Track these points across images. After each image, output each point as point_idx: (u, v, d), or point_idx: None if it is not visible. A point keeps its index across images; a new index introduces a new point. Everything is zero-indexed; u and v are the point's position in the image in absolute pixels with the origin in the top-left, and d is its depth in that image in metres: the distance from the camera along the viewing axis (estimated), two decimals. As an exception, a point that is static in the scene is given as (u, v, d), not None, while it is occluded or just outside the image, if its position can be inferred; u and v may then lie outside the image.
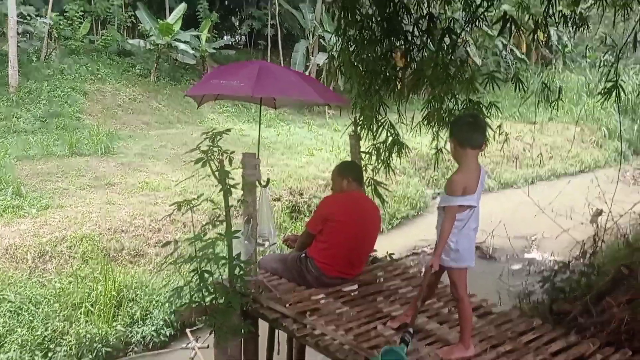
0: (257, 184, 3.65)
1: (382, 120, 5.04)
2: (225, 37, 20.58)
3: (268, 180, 4.16)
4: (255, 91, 3.87)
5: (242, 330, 3.46)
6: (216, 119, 15.64)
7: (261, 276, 3.98)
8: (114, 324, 6.50)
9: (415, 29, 5.23)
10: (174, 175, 10.25)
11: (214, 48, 17.57)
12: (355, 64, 4.88)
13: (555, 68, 22.10)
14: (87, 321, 6.40)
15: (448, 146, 3.35)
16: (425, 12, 5.33)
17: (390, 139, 5.10)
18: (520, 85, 5.71)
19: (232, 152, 3.23)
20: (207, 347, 5.37)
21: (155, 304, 6.90)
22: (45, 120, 13.13)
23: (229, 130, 3.39)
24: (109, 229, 7.93)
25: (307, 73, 17.59)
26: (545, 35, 23.06)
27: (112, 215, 8.23)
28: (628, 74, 18.65)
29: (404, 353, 2.89)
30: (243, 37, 22.22)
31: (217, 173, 3.21)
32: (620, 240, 5.95)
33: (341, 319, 3.46)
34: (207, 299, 3.37)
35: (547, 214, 7.73)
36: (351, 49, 4.98)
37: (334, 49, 5.24)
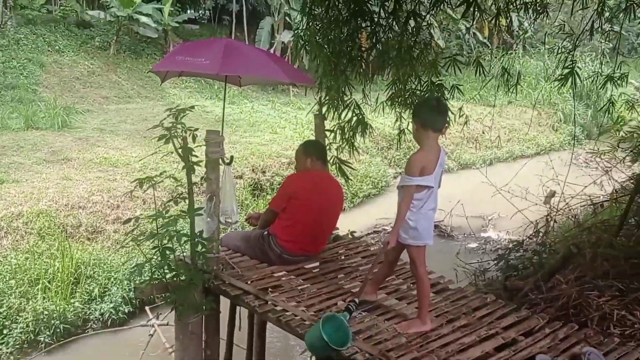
0: (221, 161, 3.64)
1: (348, 101, 5.06)
2: (188, 11, 20.11)
3: (231, 158, 4.15)
4: (221, 69, 3.85)
5: (204, 307, 3.48)
6: (178, 95, 15.38)
7: (223, 253, 3.99)
8: (72, 300, 6.44)
9: (382, 10, 5.24)
10: (134, 151, 10.08)
11: (177, 22, 17.19)
12: (321, 43, 4.87)
13: (515, 53, 22.45)
14: (44, 298, 6.32)
15: (411, 127, 3.40)
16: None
17: (355, 118, 5.13)
18: (481, 69, 5.82)
19: (196, 129, 3.21)
20: (167, 324, 5.37)
21: (114, 281, 6.85)
22: (0, 92, 12.67)
23: (192, 107, 3.37)
24: (66, 205, 7.78)
25: (272, 51, 17.43)
26: (507, 20, 23.45)
27: (69, 191, 8.07)
28: (584, 60, 19.09)
29: (345, 320, 2.97)
30: (207, 11, 21.77)
31: (180, 150, 3.18)
32: (572, 221, 6.18)
33: (302, 295, 3.51)
34: (169, 276, 3.37)
35: (504, 195, 7.94)
36: (317, 28, 4.96)
37: (300, 28, 5.20)
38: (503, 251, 5.41)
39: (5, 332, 5.88)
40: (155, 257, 3.25)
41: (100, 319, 6.47)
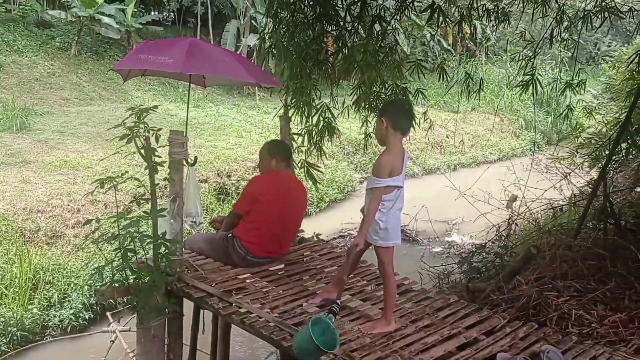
0: (184, 162, 3.59)
1: (318, 104, 5.07)
2: (152, 13, 19.85)
3: (195, 159, 4.09)
4: (185, 68, 3.80)
5: (167, 310, 3.42)
6: (141, 97, 15.13)
7: (187, 256, 3.94)
8: (30, 307, 6.29)
9: (347, 15, 5.28)
10: (95, 154, 9.87)
11: (140, 23, 16.92)
12: (287, 46, 4.86)
13: (478, 60, 22.90)
14: (0, 304, 6.14)
15: (376, 127, 3.41)
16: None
17: (322, 122, 5.14)
18: (445, 75, 5.92)
19: (159, 130, 3.16)
20: (129, 329, 5.27)
21: (74, 287, 6.71)
22: (-46, 92, 12.26)
23: (155, 107, 3.31)
24: (24, 209, 7.57)
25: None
26: (471, 28, 23.91)
27: (27, 195, 7.85)
28: (544, 68, 19.60)
29: (331, 322, 2.97)
30: (172, 13, 21.53)
31: (142, 150, 3.12)
32: (532, 225, 6.31)
33: (267, 297, 3.49)
34: (131, 279, 3.30)
35: (467, 199, 8.06)
36: (283, 31, 4.96)
37: (266, 31, 5.19)
38: (466, 254, 5.49)
39: (-41, 339, 5.69)
40: (116, 259, 3.18)
41: (60, 326, 6.33)
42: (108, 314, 5.98)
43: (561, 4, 6.10)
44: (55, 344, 6.16)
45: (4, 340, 5.84)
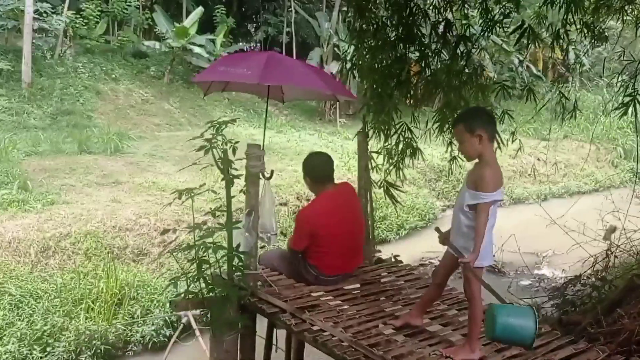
0: (261, 176, 3.55)
1: (397, 123, 4.92)
2: (240, 43, 20.59)
3: (272, 173, 4.01)
4: (262, 79, 3.80)
5: (239, 325, 3.35)
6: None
7: (261, 271, 3.88)
8: (114, 321, 6.43)
9: (432, 34, 5.15)
10: (182, 177, 10.19)
11: (229, 52, 17.58)
12: (369, 66, 4.78)
13: (572, 86, 21.88)
14: (87, 318, 6.34)
15: (465, 145, 3.09)
16: (442, 18, 5.23)
17: (403, 142, 4.98)
18: (533, 96, 5.62)
19: (237, 142, 3.14)
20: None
21: (157, 304, 6.83)
22: (56, 117, 13.15)
23: (234, 120, 3.31)
24: (113, 227, 7.87)
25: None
26: (563, 53, 22.97)
27: (117, 214, 8.16)
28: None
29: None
30: (258, 43, 22.25)
31: (219, 162, 3.11)
32: (633, 258, 5.78)
33: (341, 316, 3.33)
34: (204, 290, 3.27)
35: (561, 228, 7.56)
36: (365, 51, 4.89)
37: (348, 52, 5.14)
38: (559, 287, 5.07)
39: (48, 349, 5.90)
40: (191, 271, 3.16)
41: (142, 342, 6.41)
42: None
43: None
44: (137, 358, 6.26)
45: (89, 354, 5.99)
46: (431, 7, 4.95)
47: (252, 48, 22.47)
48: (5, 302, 6.18)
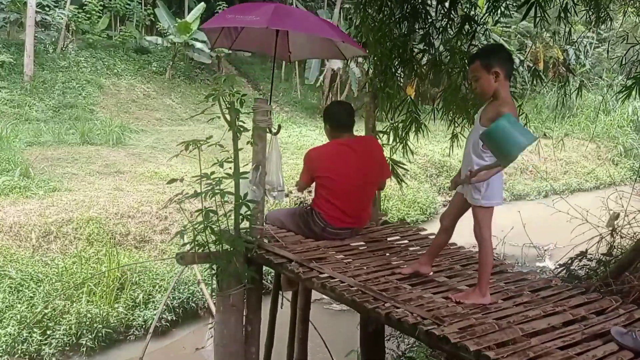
0: (268, 131, 3.52)
1: (403, 98, 4.90)
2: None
3: (279, 128, 3.95)
4: (270, 22, 3.77)
5: (246, 278, 3.32)
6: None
7: (268, 227, 3.86)
8: (116, 305, 6.41)
9: (437, 12, 5.14)
10: (184, 167, 10.18)
11: (230, 49, 17.56)
12: (374, 40, 4.76)
13: (572, 85, 21.91)
14: (88, 301, 6.31)
15: (482, 81, 2.95)
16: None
17: (407, 116, 4.95)
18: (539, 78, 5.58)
19: (244, 95, 3.11)
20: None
21: (159, 289, 6.80)
22: (58, 110, 13.15)
23: (234, 78, 3.28)
24: (115, 214, 7.85)
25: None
26: (564, 53, 22.99)
27: (119, 201, 8.15)
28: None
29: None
30: (260, 41, 22.25)
31: (226, 113, 3.07)
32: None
33: (348, 266, 3.29)
34: (212, 246, 3.23)
35: (562, 221, 7.52)
36: (370, 27, 4.88)
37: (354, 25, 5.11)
38: (565, 263, 5.04)
39: (48, 332, 5.87)
40: (198, 222, 3.14)
41: (143, 326, 6.38)
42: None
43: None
44: (138, 343, 6.22)
45: (90, 337, 5.97)
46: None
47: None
48: (5, 285, 6.15)
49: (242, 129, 3.17)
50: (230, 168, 3.15)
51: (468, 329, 2.39)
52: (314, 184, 3.97)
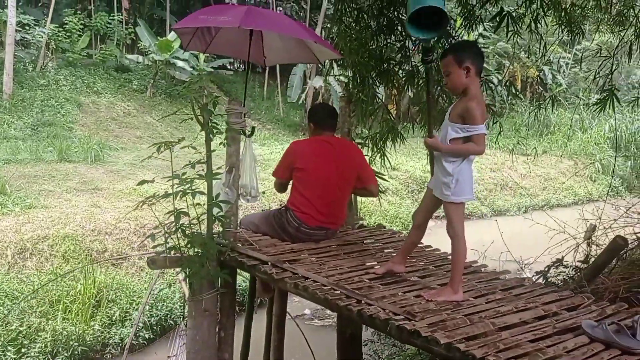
0: (242, 133, 3.53)
1: (377, 106, 4.94)
2: (223, 58, 20.65)
3: (253, 130, 4.03)
4: (243, 22, 3.81)
5: (219, 281, 3.28)
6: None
7: (242, 230, 3.87)
8: (92, 323, 6.31)
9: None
10: (164, 185, 10.09)
11: (213, 67, 17.63)
12: (351, 51, 4.80)
13: (549, 104, 22.28)
14: (64, 319, 6.21)
15: (454, 76, 3.00)
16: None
17: (384, 126, 4.99)
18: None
19: (218, 97, 3.12)
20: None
21: (136, 306, 6.70)
22: (37, 128, 13.01)
23: (211, 73, 3.28)
24: (92, 231, 7.75)
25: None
26: (541, 72, 23.43)
27: (96, 218, 8.05)
28: (622, 112, 18.86)
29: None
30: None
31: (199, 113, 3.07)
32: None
33: (322, 267, 3.28)
34: (182, 245, 3.20)
35: (542, 234, 7.61)
36: (348, 39, 4.92)
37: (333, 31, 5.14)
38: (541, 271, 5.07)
39: (23, 350, 5.74)
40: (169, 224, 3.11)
41: (120, 344, 6.27)
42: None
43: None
44: (115, 360, 6.12)
45: (65, 355, 5.85)
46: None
47: (236, 63, 22.54)
48: (-22, 303, 6.03)
49: (215, 131, 3.16)
50: (202, 170, 3.13)
51: (439, 323, 2.40)
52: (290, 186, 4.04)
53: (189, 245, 3.16)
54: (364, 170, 4.17)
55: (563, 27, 5.78)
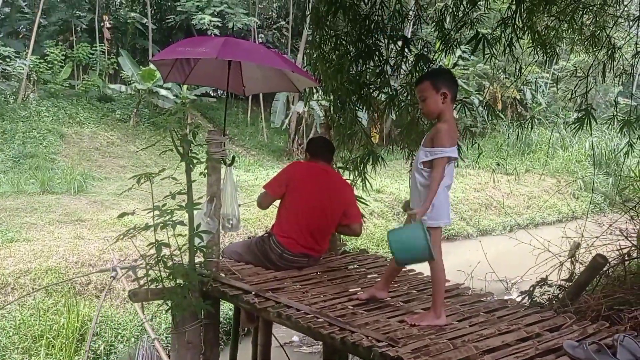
0: (222, 162, 3.54)
1: (356, 130, 4.99)
2: (206, 86, 20.74)
3: (233, 159, 4.07)
4: (220, 53, 3.86)
5: (202, 312, 3.25)
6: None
7: (224, 260, 3.87)
8: (76, 358, 6.19)
9: (388, 50, 5.30)
10: (146, 216, 10.03)
11: (195, 95, 17.69)
12: (331, 77, 4.87)
13: (530, 124, 22.60)
14: (47, 354, 6.09)
15: (428, 100, 3.08)
16: (399, 34, 5.40)
17: (363, 150, 5.05)
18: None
19: (197, 127, 3.14)
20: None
21: (121, 339, 6.61)
22: (19, 160, 12.91)
23: (195, 101, 3.30)
24: (76, 262, 7.66)
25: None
26: (520, 92, 23.79)
27: (80, 249, 7.97)
28: (602, 130, 19.17)
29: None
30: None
31: (178, 144, 3.08)
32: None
33: (305, 295, 3.28)
34: (166, 281, 3.17)
35: (527, 253, 7.66)
36: (327, 65, 4.99)
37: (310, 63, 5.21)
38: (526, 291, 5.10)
39: (5, 389, 5.63)
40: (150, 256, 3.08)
41: (105, 379, 6.18)
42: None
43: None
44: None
45: (50, 391, 5.73)
46: (388, 23, 5.09)
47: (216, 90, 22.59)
48: (-41, 340, 5.91)
49: (195, 161, 3.17)
50: (183, 200, 3.13)
51: (423, 349, 2.41)
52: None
53: (170, 277, 3.14)
54: (350, 208, 4.23)
55: (538, 49, 5.90)
